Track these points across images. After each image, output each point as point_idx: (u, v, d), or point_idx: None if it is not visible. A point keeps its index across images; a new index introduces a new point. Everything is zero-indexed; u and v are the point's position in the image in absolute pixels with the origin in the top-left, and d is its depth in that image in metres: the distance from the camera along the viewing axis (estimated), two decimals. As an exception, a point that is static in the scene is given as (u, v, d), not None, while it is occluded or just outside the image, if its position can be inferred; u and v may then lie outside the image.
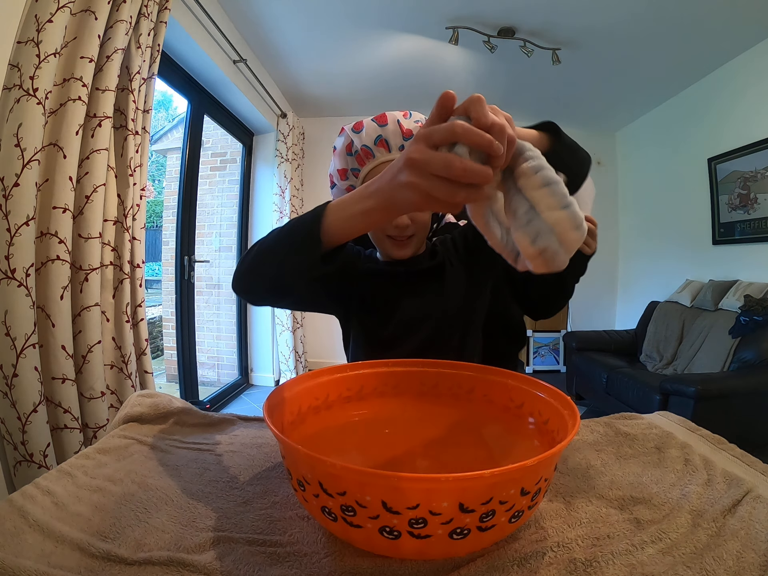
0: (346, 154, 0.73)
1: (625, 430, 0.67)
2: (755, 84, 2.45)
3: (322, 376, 0.58)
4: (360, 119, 0.73)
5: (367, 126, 0.71)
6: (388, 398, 0.61)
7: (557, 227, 0.34)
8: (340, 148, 0.74)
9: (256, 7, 2.24)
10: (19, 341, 1.04)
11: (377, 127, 0.70)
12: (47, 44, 1.08)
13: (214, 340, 3.37)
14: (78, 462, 0.55)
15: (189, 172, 2.45)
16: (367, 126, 0.71)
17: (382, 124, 0.70)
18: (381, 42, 2.56)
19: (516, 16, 2.26)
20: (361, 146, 0.71)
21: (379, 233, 0.75)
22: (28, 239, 1.05)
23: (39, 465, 1.06)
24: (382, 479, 0.32)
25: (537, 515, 0.45)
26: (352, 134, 0.72)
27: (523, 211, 0.35)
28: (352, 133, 0.72)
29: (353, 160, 0.73)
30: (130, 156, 1.40)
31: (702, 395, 1.80)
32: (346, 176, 0.75)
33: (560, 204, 0.34)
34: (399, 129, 0.69)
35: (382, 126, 0.70)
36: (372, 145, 0.70)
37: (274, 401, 0.46)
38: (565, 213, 0.34)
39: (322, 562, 0.39)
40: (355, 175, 0.74)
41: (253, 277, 0.56)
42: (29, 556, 0.37)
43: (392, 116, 0.70)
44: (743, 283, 2.41)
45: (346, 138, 0.73)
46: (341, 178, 0.76)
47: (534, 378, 0.54)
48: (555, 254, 0.35)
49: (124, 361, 1.40)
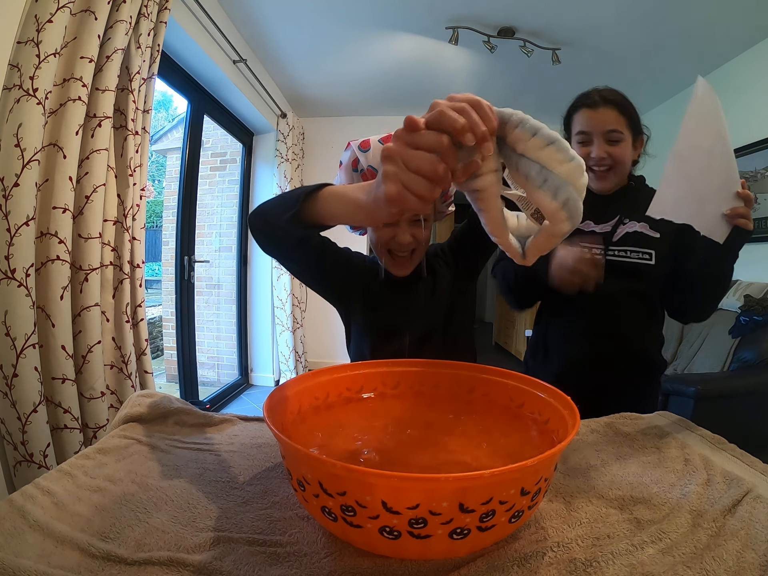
0: (351, 170, 0.75)
1: (625, 430, 0.67)
2: (755, 84, 2.45)
3: (322, 376, 0.58)
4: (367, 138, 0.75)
5: (374, 147, 0.72)
6: (388, 398, 0.61)
7: (570, 178, 0.36)
8: (346, 163, 0.76)
9: (256, 7, 2.24)
10: (19, 341, 1.04)
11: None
12: (47, 44, 1.07)
13: (214, 340, 3.37)
14: (78, 462, 0.55)
15: (189, 172, 2.45)
16: (374, 147, 0.72)
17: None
18: (381, 42, 2.56)
19: (516, 16, 2.26)
20: (368, 167, 0.72)
21: (382, 249, 0.79)
22: (28, 239, 1.05)
23: (39, 465, 1.06)
24: (382, 479, 0.32)
25: (537, 515, 0.45)
26: (358, 152, 0.73)
27: (536, 172, 0.37)
28: (359, 152, 0.73)
29: (359, 177, 0.75)
30: (130, 156, 1.40)
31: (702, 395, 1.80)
32: None
33: (567, 157, 0.36)
34: None
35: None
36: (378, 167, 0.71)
37: (274, 401, 0.46)
38: (574, 163, 0.36)
39: (322, 562, 0.39)
40: None
41: (258, 219, 0.62)
42: (29, 556, 0.37)
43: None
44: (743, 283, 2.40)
45: (352, 154, 0.75)
46: None
47: (534, 378, 0.54)
48: (575, 202, 0.37)
49: (124, 361, 1.40)
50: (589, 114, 0.93)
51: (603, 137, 0.92)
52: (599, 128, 0.92)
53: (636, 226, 0.95)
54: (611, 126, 0.92)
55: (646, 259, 0.93)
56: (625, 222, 0.96)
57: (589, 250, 0.88)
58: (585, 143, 0.95)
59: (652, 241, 0.93)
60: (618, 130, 0.92)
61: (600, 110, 0.92)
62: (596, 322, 0.95)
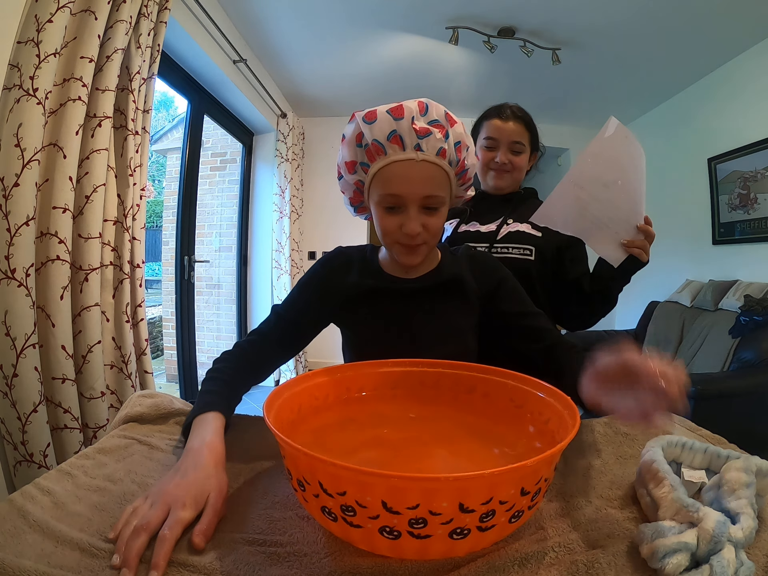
0: (355, 145, 0.66)
1: (625, 430, 0.67)
2: (755, 84, 2.45)
3: (322, 376, 0.58)
4: (374, 108, 0.64)
5: (381, 118, 0.63)
6: (388, 398, 0.61)
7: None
8: (349, 137, 0.67)
9: (256, 7, 2.24)
10: (19, 341, 1.04)
11: (392, 120, 0.62)
12: (47, 44, 1.07)
13: (214, 340, 3.36)
14: (78, 462, 0.54)
15: (189, 172, 2.45)
16: (380, 118, 0.63)
17: (397, 117, 0.62)
18: (381, 42, 2.56)
19: (516, 16, 2.26)
20: (372, 140, 0.64)
21: (389, 239, 0.70)
22: (28, 239, 1.05)
23: (39, 465, 1.06)
24: (382, 479, 0.32)
25: (537, 515, 0.45)
26: (363, 124, 0.64)
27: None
28: (363, 123, 0.64)
29: (362, 153, 0.66)
30: (130, 156, 1.40)
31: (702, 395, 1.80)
32: (354, 169, 0.69)
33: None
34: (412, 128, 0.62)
35: (397, 120, 0.62)
36: (384, 141, 0.63)
37: (274, 401, 0.46)
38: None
39: (322, 562, 0.39)
40: (365, 170, 0.68)
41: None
42: (29, 556, 0.37)
43: (409, 110, 0.62)
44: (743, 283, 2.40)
45: (356, 127, 0.66)
46: (349, 171, 0.70)
47: (534, 378, 0.54)
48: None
49: (124, 361, 1.40)
50: (499, 124, 1.04)
51: (507, 146, 1.05)
52: (506, 138, 1.04)
53: (519, 226, 1.04)
54: (516, 138, 1.04)
55: (526, 255, 1.01)
56: (509, 223, 1.06)
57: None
58: (491, 148, 1.06)
59: (532, 239, 1.02)
60: (521, 142, 1.05)
61: (509, 123, 1.04)
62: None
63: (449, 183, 0.68)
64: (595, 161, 0.79)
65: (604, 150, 0.79)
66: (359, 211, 0.78)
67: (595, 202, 0.81)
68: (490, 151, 1.06)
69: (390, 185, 0.65)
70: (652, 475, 0.45)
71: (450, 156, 0.66)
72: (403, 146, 0.63)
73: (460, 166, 0.68)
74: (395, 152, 0.64)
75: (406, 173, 0.64)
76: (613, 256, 0.87)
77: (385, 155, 0.64)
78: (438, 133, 0.63)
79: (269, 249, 3.27)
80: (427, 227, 0.67)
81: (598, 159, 0.79)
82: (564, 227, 0.84)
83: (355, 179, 0.70)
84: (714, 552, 0.34)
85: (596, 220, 0.83)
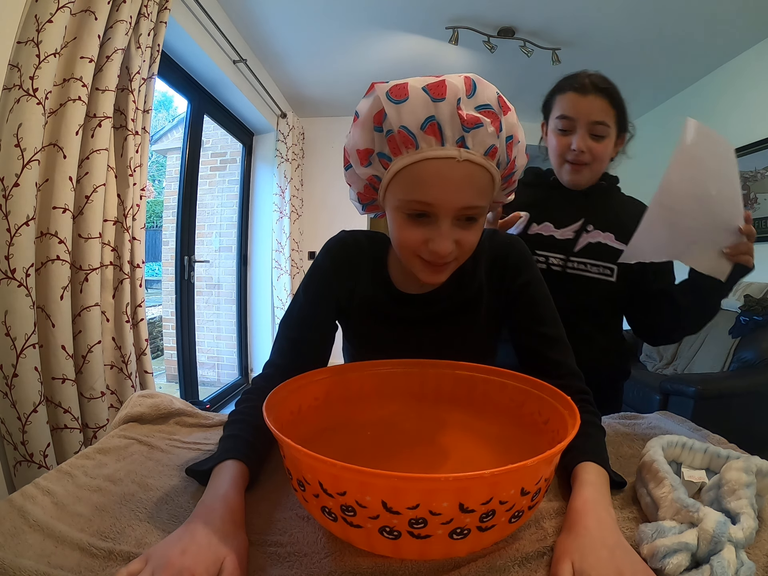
0: (373, 128, 0.49)
1: (625, 430, 0.67)
2: (755, 84, 2.45)
3: (322, 376, 0.58)
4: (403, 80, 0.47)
5: (414, 96, 0.46)
6: (388, 398, 0.61)
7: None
8: (365, 115, 0.49)
9: (256, 7, 2.24)
10: (19, 341, 1.04)
11: (429, 102, 0.46)
12: (47, 44, 1.07)
13: (214, 340, 3.37)
14: (78, 462, 0.55)
15: (189, 172, 2.45)
16: (413, 96, 0.46)
17: (437, 98, 0.46)
18: (381, 42, 2.56)
19: (516, 16, 2.26)
20: (400, 127, 0.47)
21: (408, 252, 0.55)
22: (28, 239, 1.05)
23: (39, 465, 1.06)
24: (382, 479, 0.32)
25: (537, 515, 0.45)
26: (387, 102, 0.46)
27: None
28: (388, 101, 0.46)
29: (382, 140, 0.49)
30: (130, 156, 1.40)
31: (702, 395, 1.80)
32: (369, 160, 0.52)
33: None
34: (457, 114, 0.46)
35: (437, 101, 0.46)
36: (417, 130, 0.47)
37: (273, 401, 0.46)
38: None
39: (322, 562, 0.39)
40: (384, 164, 0.51)
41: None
42: (29, 556, 0.37)
43: (453, 88, 0.46)
44: (743, 283, 2.40)
45: (375, 103, 0.48)
46: (362, 162, 0.52)
47: (534, 378, 0.54)
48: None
49: (124, 361, 1.40)
50: (577, 99, 0.83)
51: (587, 128, 0.83)
52: (586, 117, 0.82)
53: (600, 236, 0.88)
54: (599, 117, 0.82)
55: (607, 275, 0.87)
56: (589, 229, 0.88)
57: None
58: (566, 131, 0.85)
59: (616, 255, 0.81)
60: (605, 123, 0.83)
61: (589, 97, 0.82)
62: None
63: (493, 189, 0.53)
64: (683, 175, 0.66)
65: (691, 159, 0.66)
66: (369, 210, 0.61)
67: (688, 219, 0.69)
68: (564, 136, 0.85)
69: (419, 189, 0.49)
70: (652, 475, 0.45)
71: (500, 156, 0.50)
72: (442, 140, 0.47)
73: (509, 167, 0.53)
74: (430, 147, 0.47)
75: (443, 176, 0.48)
76: (718, 269, 0.74)
77: (416, 149, 0.48)
78: (490, 125, 0.47)
79: (269, 249, 3.28)
80: (460, 244, 0.52)
81: (686, 172, 0.66)
82: (657, 256, 0.73)
83: (369, 173, 0.53)
84: (714, 552, 0.34)
85: (691, 236, 0.71)
